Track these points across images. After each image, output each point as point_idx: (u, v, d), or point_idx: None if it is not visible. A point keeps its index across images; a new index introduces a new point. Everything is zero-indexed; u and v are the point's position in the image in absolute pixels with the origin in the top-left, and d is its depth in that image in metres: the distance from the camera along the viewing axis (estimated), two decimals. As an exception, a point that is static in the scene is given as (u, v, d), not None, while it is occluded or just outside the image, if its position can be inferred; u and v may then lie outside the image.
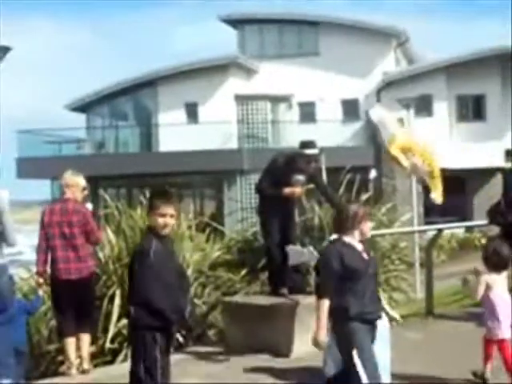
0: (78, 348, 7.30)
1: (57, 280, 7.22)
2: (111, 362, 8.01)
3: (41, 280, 7.33)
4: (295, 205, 8.21)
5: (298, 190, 7.67)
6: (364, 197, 11.05)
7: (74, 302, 7.18)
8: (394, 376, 6.16)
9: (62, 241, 7.17)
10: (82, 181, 7.43)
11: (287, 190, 7.56)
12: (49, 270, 7.28)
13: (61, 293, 7.22)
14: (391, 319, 7.20)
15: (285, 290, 7.63)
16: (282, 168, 7.64)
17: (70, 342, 7.27)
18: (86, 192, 7.51)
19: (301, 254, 7.60)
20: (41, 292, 7.22)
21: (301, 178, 7.72)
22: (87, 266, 7.31)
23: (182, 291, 4.94)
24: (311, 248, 7.74)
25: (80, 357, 7.28)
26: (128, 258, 7.14)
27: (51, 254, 7.23)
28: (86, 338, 7.34)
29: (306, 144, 7.77)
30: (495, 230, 9.99)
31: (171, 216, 4.89)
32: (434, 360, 6.92)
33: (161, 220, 4.84)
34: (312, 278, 9.27)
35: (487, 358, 6.14)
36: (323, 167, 7.60)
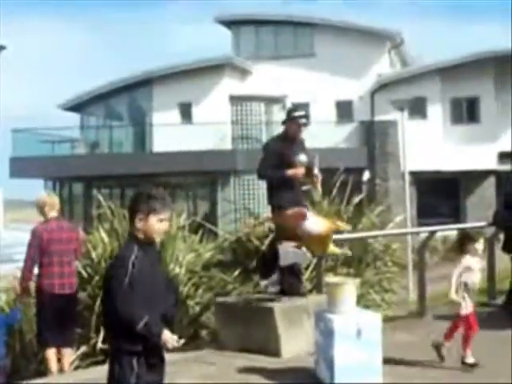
0: (59, 359, 7.53)
1: (49, 294, 7.40)
2: (103, 362, 7.99)
3: (24, 293, 7.60)
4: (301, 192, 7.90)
5: (301, 170, 7.33)
6: (357, 198, 11.08)
7: (63, 315, 7.38)
8: (385, 377, 6.18)
9: (58, 257, 7.43)
10: (57, 199, 7.90)
11: (290, 171, 7.25)
12: (33, 285, 7.55)
13: (51, 307, 7.38)
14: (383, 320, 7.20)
15: (265, 282, 7.60)
16: (279, 148, 7.34)
17: (52, 353, 7.50)
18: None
19: (293, 254, 7.57)
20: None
21: (303, 158, 7.37)
22: (75, 282, 7.68)
23: (167, 305, 4.19)
24: (304, 249, 7.72)
25: (61, 370, 7.51)
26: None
27: (46, 270, 7.43)
28: (68, 351, 7.63)
29: (294, 109, 7.70)
30: (488, 232, 10.03)
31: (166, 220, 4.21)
32: (425, 361, 6.94)
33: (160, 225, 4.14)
34: (304, 279, 9.29)
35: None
36: (317, 167, 7.41)
